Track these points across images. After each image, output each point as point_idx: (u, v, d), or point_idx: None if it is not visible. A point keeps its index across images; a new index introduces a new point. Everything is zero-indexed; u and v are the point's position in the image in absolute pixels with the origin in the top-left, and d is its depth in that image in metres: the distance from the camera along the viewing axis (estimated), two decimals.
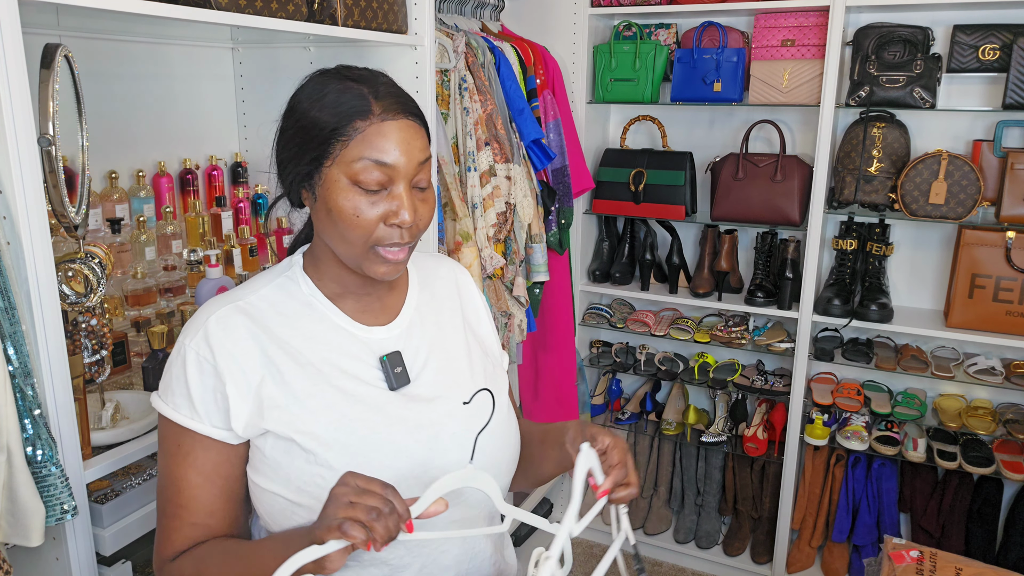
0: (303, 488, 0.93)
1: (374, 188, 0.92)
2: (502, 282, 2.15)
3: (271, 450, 0.95)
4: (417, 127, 0.96)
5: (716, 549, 2.79)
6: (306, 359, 0.98)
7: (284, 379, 0.96)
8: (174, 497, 0.97)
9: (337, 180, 0.93)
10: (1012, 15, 2.24)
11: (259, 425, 0.95)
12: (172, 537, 0.97)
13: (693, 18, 2.62)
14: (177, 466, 0.96)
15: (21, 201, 1.04)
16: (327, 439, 0.94)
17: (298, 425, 0.94)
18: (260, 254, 1.85)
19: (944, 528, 2.50)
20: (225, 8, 1.30)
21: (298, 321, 1.00)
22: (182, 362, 0.96)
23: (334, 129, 0.92)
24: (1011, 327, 2.21)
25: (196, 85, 1.95)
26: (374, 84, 0.96)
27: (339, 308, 1.03)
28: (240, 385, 0.94)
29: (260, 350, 0.96)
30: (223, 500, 0.98)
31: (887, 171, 2.31)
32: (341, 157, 0.92)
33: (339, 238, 0.95)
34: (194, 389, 0.94)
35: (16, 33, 1.00)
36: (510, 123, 2.16)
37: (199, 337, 0.95)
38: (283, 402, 0.95)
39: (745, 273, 2.73)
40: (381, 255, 0.95)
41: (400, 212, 0.93)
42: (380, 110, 0.93)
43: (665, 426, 2.80)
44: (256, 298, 1.00)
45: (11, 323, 1.04)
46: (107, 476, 1.28)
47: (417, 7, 1.75)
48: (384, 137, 0.92)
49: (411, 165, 0.94)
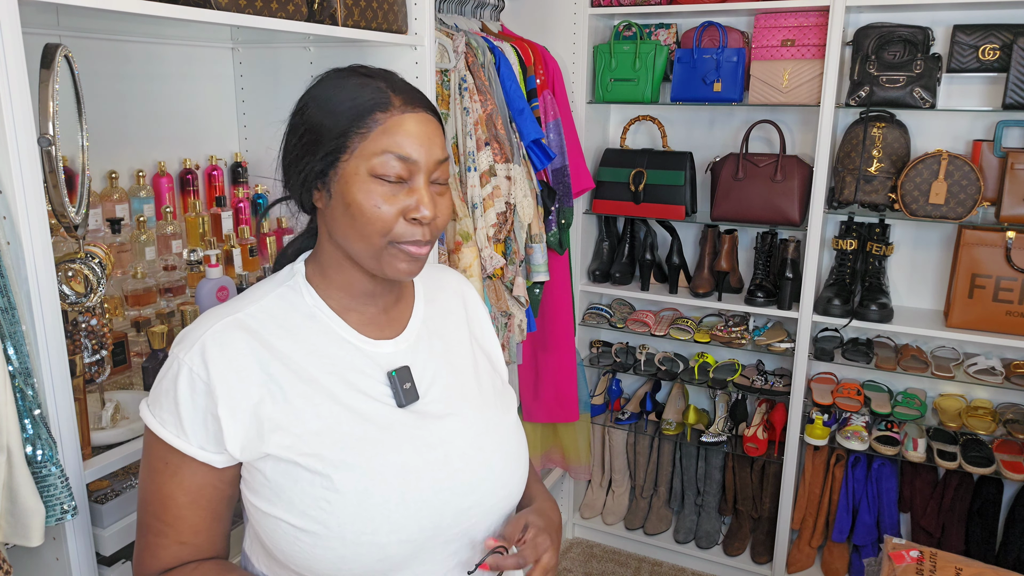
0: (307, 512, 0.88)
1: (393, 180, 0.90)
2: (502, 282, 2.15)
3: (273, 473, 0.90)
4: (436, 123, 0.95)
5: (716, 549, 2.79)
6: (310, 375, 0.93)
7: (286, 397, 0.91)
8: (160, 514, 0.93)
9: (356, 173, 0.90)
10: (1012, 15, 2.24)
11: (259, 448, 0.90)
12: (159, 554, 0.94)
13: (693, 18, 2.62)
14: (164, 483, 0.92)
15: (21, 201, 1.04)
16: (333, 460, 0.89)
17: (301, 447, 0.89)
18: (260, 254, 1.85)
19: (944, 528, 2.50)
20: (225, 8, 1.30)
21: (301, 334, 0.95)
22: (174, 377, 0.90)
23: (352, 121, 0.90)
24: (1011, 327, 2.21)
25: (196, 85, 1.95)
26: (390, 79, 0.94)
27: (344, 320, 0.98)
28: (235, 406, 0.89)
29: (260, 367, 0.91)
30: (209, 520, 0.94)
31: (887, 171, 2.31)
32: (360, 150, 0.90)
33: (357, 235, 0.91)
34: (183, 408, 0.89)
35: (16, 33, 1.00)
36: (510, 123, 2.16)
37: (194, 352, 0.90)
38: (285, 423, 0.90)
39: (745, 273, 2.73)
40: (403, 250, 0.92)
41: (420, 207, 0.90)
42: (400, 102, 0.91)
43: (665, 426, 2.80)
44: (256, 309, 0.95)
45: (11, 323, 1.04)
46: (107, 476, 1.28)
47: (417, 7, 1.75)
48: (405, 130, 0.90)
49: (431, 160, 0.92)
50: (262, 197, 1.97)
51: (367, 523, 0.88)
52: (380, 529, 0.88)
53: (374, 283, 0.98)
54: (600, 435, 2.97)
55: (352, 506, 0.88)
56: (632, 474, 2.99)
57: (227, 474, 0.93)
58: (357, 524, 0.88)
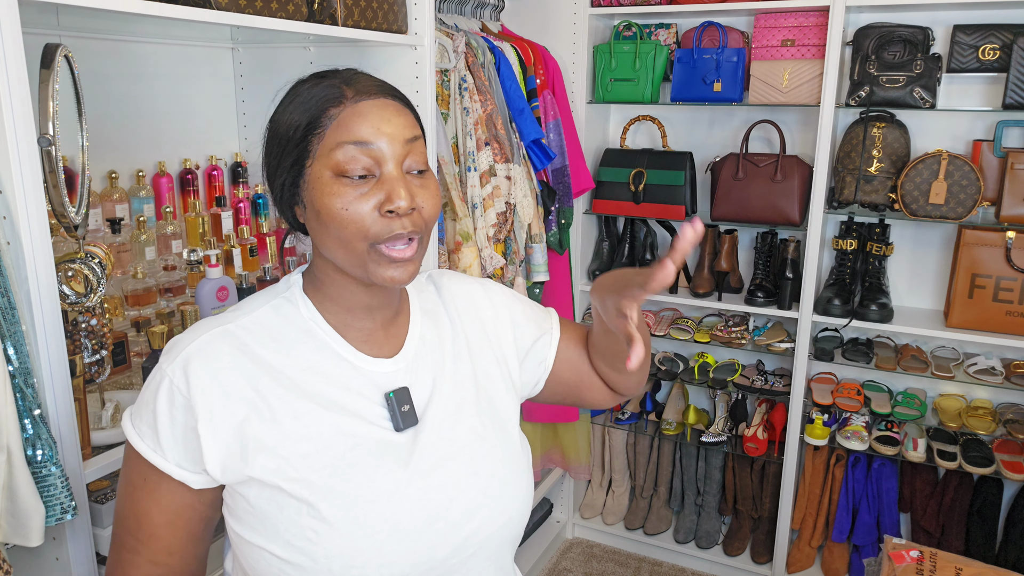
0: (292, 543, 0.82)
1: (360, 174, 0.83)
2: (502, 282, 2.15)
3: (257, 499, 0.83)
4: (398, 105, 0.87)
5: (716, 549, 2.79)
6: (301, 392, 0.87)
7: (275, 416, 0.85)
8: (134, 531, 0.88)
9: (320, 177, 0.84)
10: (1012, 15, 2.24)
11: (242, 471, 0.83)
12: (130, 572, 0.89)
13: (693, 18, 2.62)
14: (140, 500, 0.87)
15: (21, 201, 1.04)
16: (321, 487, 0.83)
17: (288, 471, 0.83)
18: (260, 254, 1.85)
19: (944, 528, 2.50)
20: (225, 8, 1.30)
21: (295, 349, 0.89)
22: (155, 389, 0.85)
23: (308, 124, 0.84)
24: (1011, 327, 2.21)
25: (196, 85, 1.95)
26: (347, 75, 0.88)
27: (342, 337, 0.92)
28: (217, 424, 0.83)
29: (247, 382, 0.85)
30: (184, 541, 0.89)
31: (887, 171, 2.31)
32: (319, 151, 0.84)
33: (335, 243, 0.85)
34: (161, 422, 0.84)
35: (16, 33, 1.00)
36: (510, 123, 2.16)
37: (177, 363, 0.84)
38: (271, 443, 0.84)
39: (745, 273, 2.73)
40: (385, 254, 0.84)
41: (393, 197, 0.82)
42: (353, 93, 0.85)
43: (665, 426, 2.80)
44: (249, 320, 0.89)
45: (11, 323, 1.04)
46: (107, 476, 1.28)
47: (417, 7, 1.75)
48: (360, 116, 0.84)
49: (396, 143, 0.84)
50: (262, 197, 1.97)
51: (356, 555, 0.82)
52: (370, 562, 0.83)
53: (370, 295, 0.92)
54: (600, 435, 2.97)
55: (340, 537, 0.82)
56: (632, 474, 2.99)
57: (206, 496, 0.87)
58: (345, 556, 0.82)
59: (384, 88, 0.88)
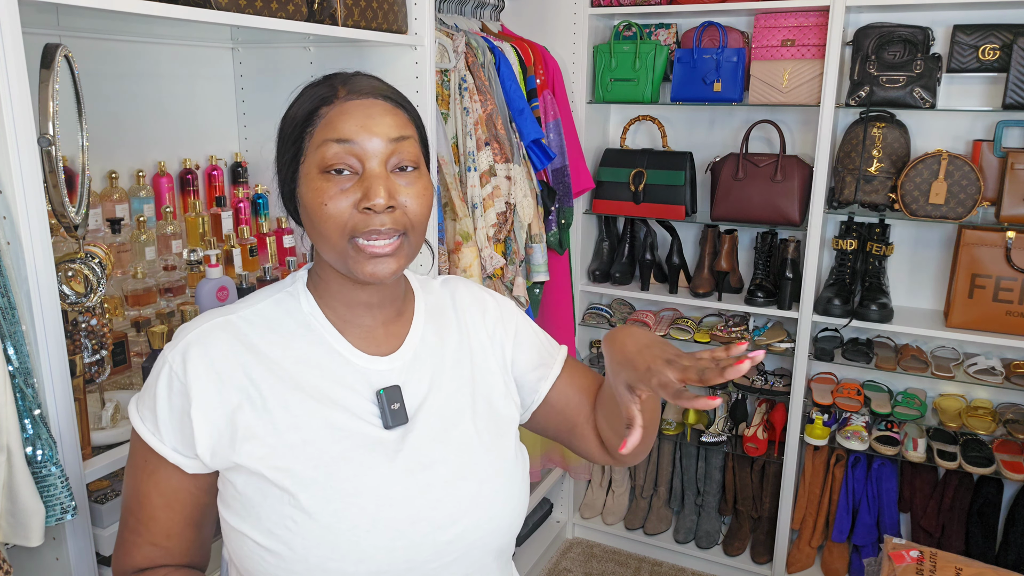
0: (273, 531, 0.83)
1: (344, 172, 0.85)
2: (502, 282, 2.15)
3: (244, 486, 0.85)
4: (387, 105, 0.89)
5: (716, 549, 2.79)
6: (295, 384, 0.88)
7: (266, 406, 0.87)
8: (136, 512, 0.91)
9: (308, 174, 0.87)
10: (1012, 15, 2.24)
11: (229, 457, 0.85)
12: (132, 552, 0.92)
13: (693, 18, 2.62)
14: (142, 482, 0.90)
15: (21, 201, 1.04)
16: (304, 478, 0.84)
17: (273, 460, 0.85)
18: (260, 254, 1.85)
19: (944, 528, 2.50)
20: (225, 8, 1.30)
21: (292, 342, 0.91)
22: (157, 373, 0.88)
23: (303, 122, 0.88)
24: (1011, 327, 2.21)
25: (196, 85, 1.95)
26: (348, 77, 0.90)
27: (340, 333, 0.93)
28: (210, 409, 0.86)
29: (243, 371, 0.87)
30: (183, 525, 0.91)
31: (887, 171, 2.31)
32: (309, 149, 0.87)
33: (319, 238, 0.87)
34: (160, 407, 0.87)
35: (16, 33, 1.00)
36: (510, 123, 2.16)
37: (177, 350, 0.87)
38: (260, 432, 0.85)
39: (745, 273, 2.73)
40: (363, 249, 0.85)
41: (371, 194, 0.83)
42: (345, 93, 0.87)
43: (665, 426, 2.80)
44: (251, 312, 0.92)
45: (11, 323, 1.04)
46: (107, 476, 1.28)
47: (417, 7, 1.75)
48: (346, 114, 0.86)
49: (380, 142, 0.85)
50: (262, 197, 1.97)
51: (333, 549, 0.83)
52: (347, 556, 0.83)
53: (368, 292, 0.93)
54: None
55: (319, 529, 0.83)
56: (632, 474, 2.99)
57: (201, 481, 0.90)
58: (323, 549, 0.83)
59: (378, 89, 0.90)
